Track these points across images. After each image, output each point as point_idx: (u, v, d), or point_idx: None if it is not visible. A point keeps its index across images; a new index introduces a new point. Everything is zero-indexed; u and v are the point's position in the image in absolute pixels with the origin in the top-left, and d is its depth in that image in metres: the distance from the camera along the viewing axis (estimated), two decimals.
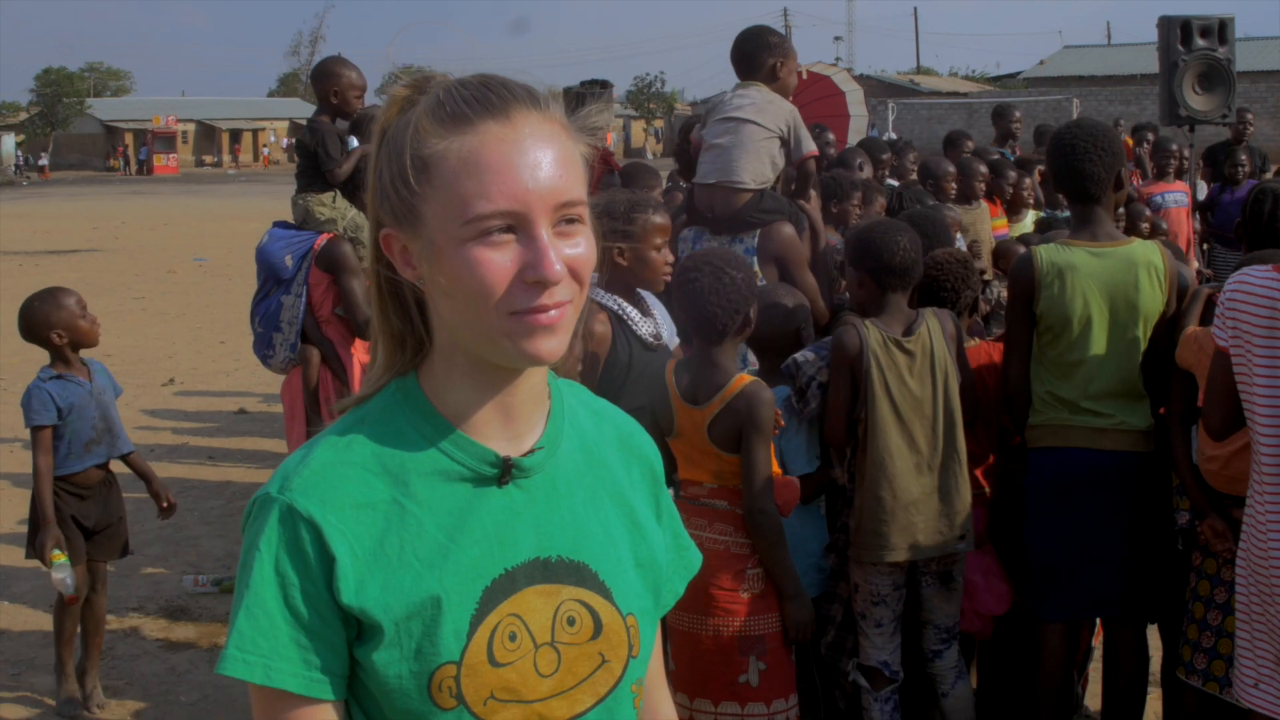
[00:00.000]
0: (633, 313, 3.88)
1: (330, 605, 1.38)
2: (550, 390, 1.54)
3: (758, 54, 5.06)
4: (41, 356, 5.21)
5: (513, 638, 1.42)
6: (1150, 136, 10.09)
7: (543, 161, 1.37)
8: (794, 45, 5.28)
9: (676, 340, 3.95)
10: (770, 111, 4.94)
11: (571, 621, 1.46)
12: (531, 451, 1.48)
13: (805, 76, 12.31)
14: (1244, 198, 10.03)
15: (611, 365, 3.82)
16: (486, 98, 1.39)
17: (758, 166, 4.88)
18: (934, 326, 3.89)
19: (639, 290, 3.91)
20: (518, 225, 1.36)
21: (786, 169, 5.09)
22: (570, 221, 1.40)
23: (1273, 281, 3.37)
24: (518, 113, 1.39)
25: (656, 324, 3.90)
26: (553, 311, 1.37)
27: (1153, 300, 4.01)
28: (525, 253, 1.36)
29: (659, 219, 4.01)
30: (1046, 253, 4.05)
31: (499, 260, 1.35)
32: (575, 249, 1.40)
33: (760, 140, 4.89)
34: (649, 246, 3.89)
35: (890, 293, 3.94)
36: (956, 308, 4.23)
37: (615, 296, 3.88)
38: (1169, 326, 4.03)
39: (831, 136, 8.87)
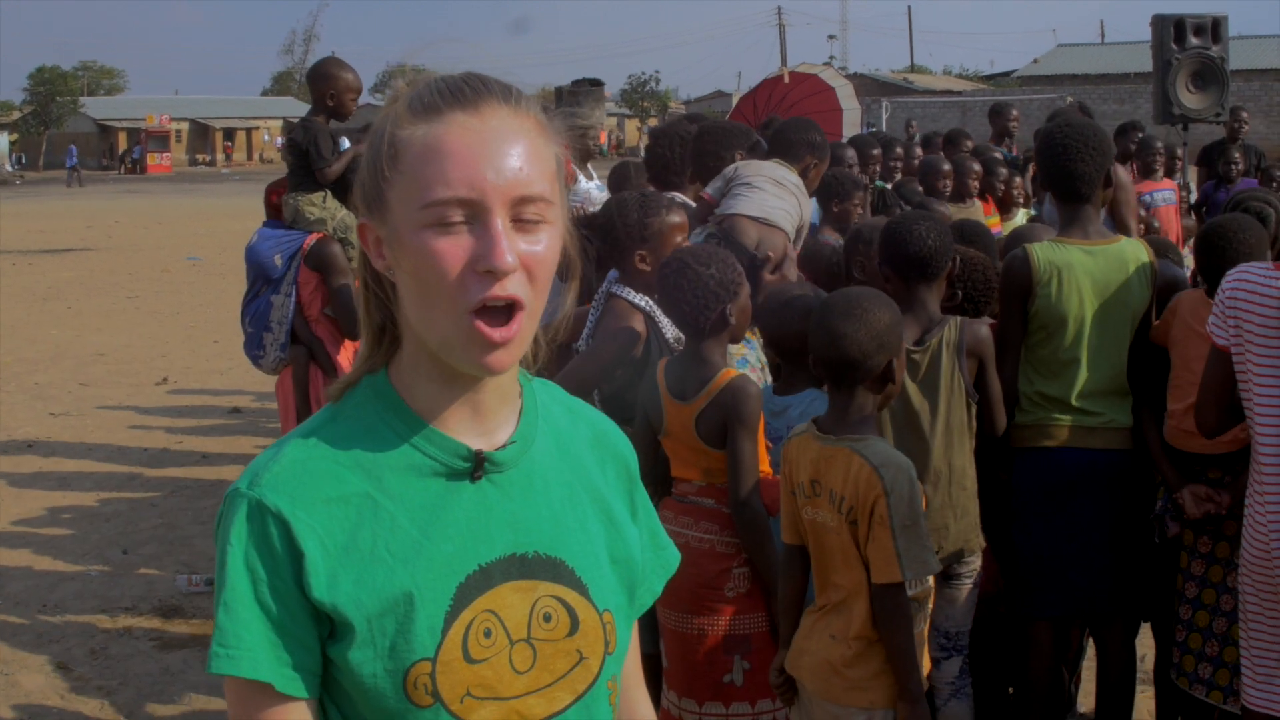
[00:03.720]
0: (661, 315, 3.89)
1: (300, 602, 1.38)
2: (522, 388, 1.55)
3: (797, 148, 5.14)
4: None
5: (488, 634, 1.42)
6: (1137, 135, 10.12)
7: (506, 154, 1.38)
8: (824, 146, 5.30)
9: None
10: (802, 207, 5.01)
11: (548, 618, 1.46)
12: (504, 446, 1.48)
13: (788, 80, 12.28)
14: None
15: (642, 365, 3.84)
16: (459, 89, 1.40)
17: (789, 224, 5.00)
18: (950, 337, 3.81)
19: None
20: (473, 214, 1.36)
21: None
22: (530, 217, 1.39)
23: (1273, 279, 3.36)
24: (488, 106, 1.40)
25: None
26: (506, 328, 1.37)
27: (1141, 298, 4.02)
28: (478, 243, 1.36)
29: (675, 217, 4.00)
30: (1042, 251, 4.03)
31: (451, 248, 1.36)
32: (533, 245, 1.39)
33: (791, 214, 4.98)
34: (668, 247, 3.89)
35: (914, 286, 3.85)
36: (981, 312, 4.22)
37: (645, 297, 3.90)
38: (1151, 324, 4.07)
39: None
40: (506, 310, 1.37)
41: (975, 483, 3.89)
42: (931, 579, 3.30)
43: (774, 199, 4.94)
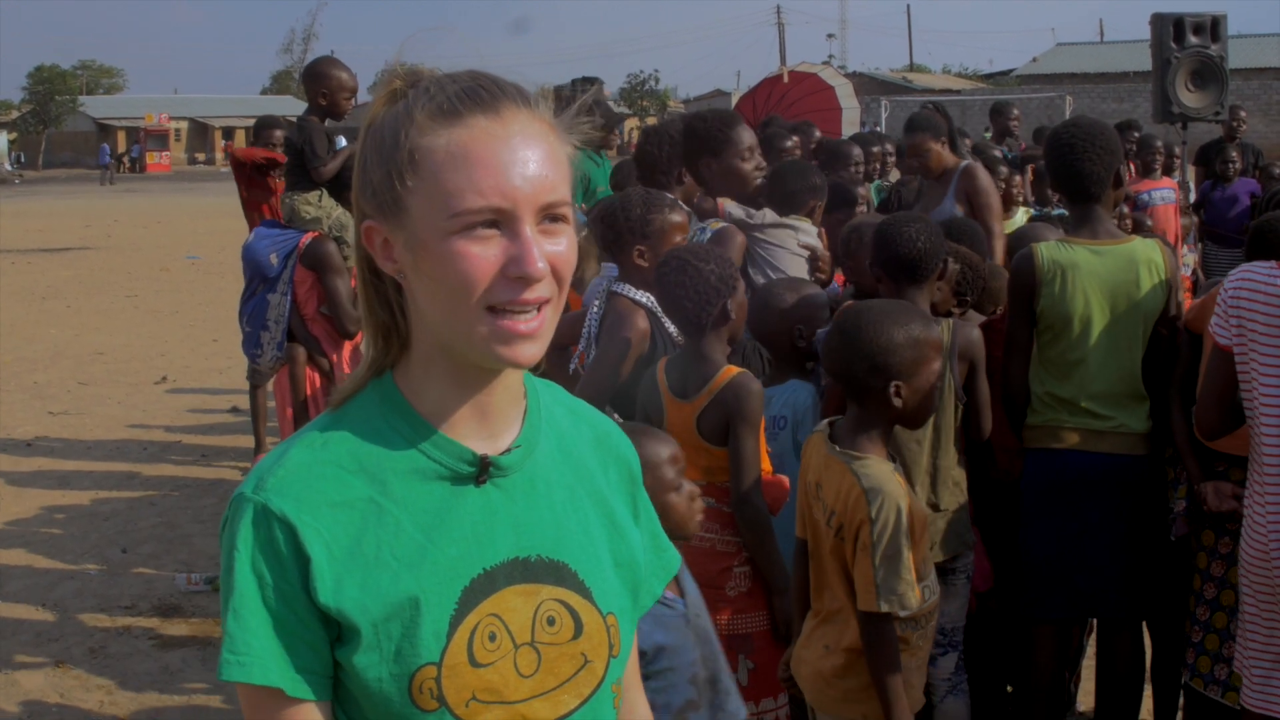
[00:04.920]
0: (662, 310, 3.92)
1: (307, 605, 1.38)
2: (526, 389, 1.55)
3: (800, 195, 5.15)
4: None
5: (492, 638, 1.42)
6: (1135, 135, 10.13)
7: (531, 159, 1.38)
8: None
9: None
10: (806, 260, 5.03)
11: (551, 621, 1.46)
12: (509, 450, 1.48)
13: (787, 79, 12.28)
14: (1236, 195, 9.97)
15: (647, 362, 3.85)
16: (477, 93, 1.39)
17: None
18: (943, 340, 3.80)
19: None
20: (503, 221, 1.36)
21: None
22: (554, 219, 1.40)
23: (1277, 279, 3.36)
24: (507, 109, 1.39)
25: None
26: (533, 320, 1.38)
27: (1153, 299, 3.99)
28: (510, 248, 1.36)
29: (676, 217, 4.02)
30: (1047, 250, 4.02)
31: (483, 254, 1.36)
32: (558, 246, 1.40)
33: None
34: (667, 245, 3.91)
35: (903, 288, 3.85)
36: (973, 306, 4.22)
37: (647, 294, 3.91)
38: (1168, 327, 4.03)
39: (818, 133, 8.87)
40: (534, 304, 1.38)
41: (965, 481, 3.89)
42: (938, 591, 3.27)
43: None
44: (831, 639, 3.15)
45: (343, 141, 5.83)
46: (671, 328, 3.92)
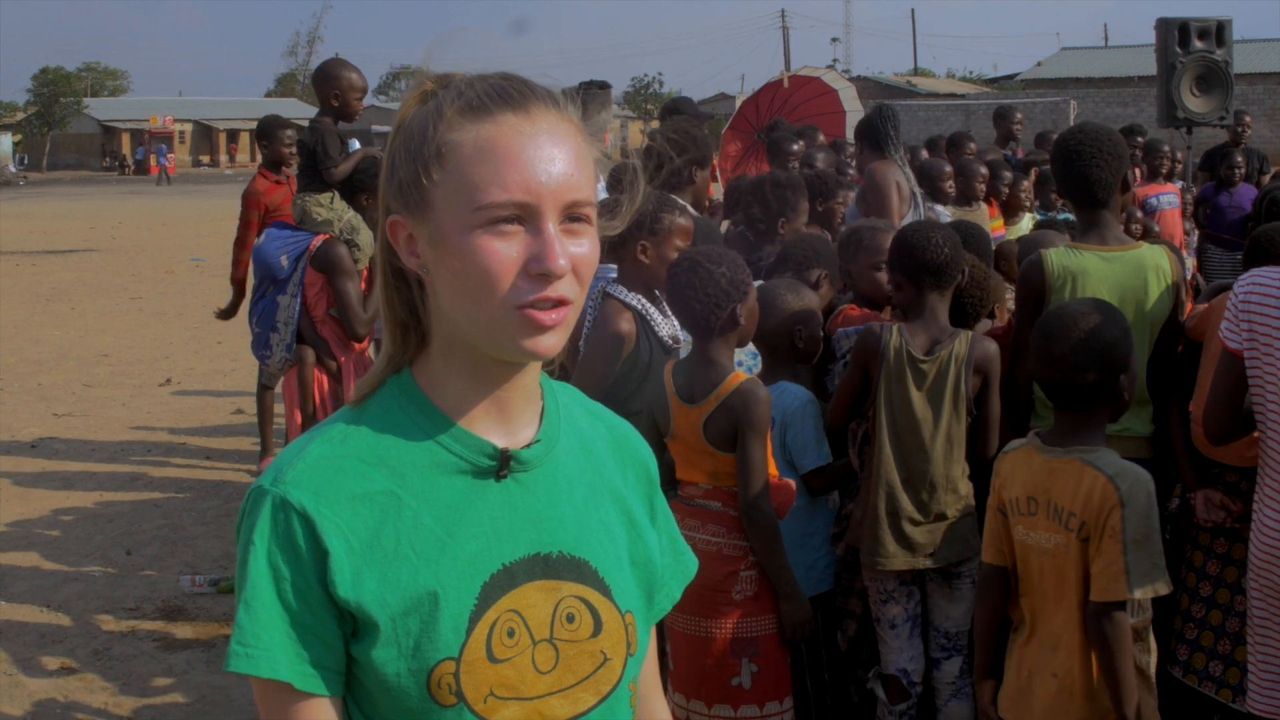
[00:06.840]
0: (654, 313, 3.94)
1: (323, 600, 1.38)
2: (543, 389, 1.55)
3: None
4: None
5: (511, 634, 1.42)
6: (1139, 140, 10.13)
7: (557, 158, 1.39)
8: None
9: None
10: None
11: (571, 618, 1.46)
12: (530, 445, 1.48)
13: (787, 85, 12.28)
14: (1241, 202, 10.01)
15: (632, 364, 3.87)
16: (507, 92, 1.41)
17: None
18: (960, 351, 3.79)
19: (658, 293, 3.96)
20: (526, 217, 1.37)
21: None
22: (577, 220, 1.41)
23: None
24: (536, 108, 1.41)
25: (675, 326, 3.93)
26: (554, 313, 1.38)
27: (1161, 305, 4.00)
28: (532, 244, 1.37)
29: (683, 221, 4.06)
30: (1057, 256, 4.02)
31: (505, 250, 1.36)
32: (580, 247, 1.41)
33: None
34: (670, 248, 3.94)
35: (927, 293, 3.86)
36: (975, 318, 4.23)
37: (638, 296, 3.94)
38: (1174, 332, 4.04)
39: (822, 137, 8.87)
40: (555, 301, 1.39)
41: (970, 489, 3.90)
42: (1149, 612, 3.18)
43: None
44: (1060, 667, 3.04)
45: (355, 144, 5.83)
46: (663, 331, 3.95)
